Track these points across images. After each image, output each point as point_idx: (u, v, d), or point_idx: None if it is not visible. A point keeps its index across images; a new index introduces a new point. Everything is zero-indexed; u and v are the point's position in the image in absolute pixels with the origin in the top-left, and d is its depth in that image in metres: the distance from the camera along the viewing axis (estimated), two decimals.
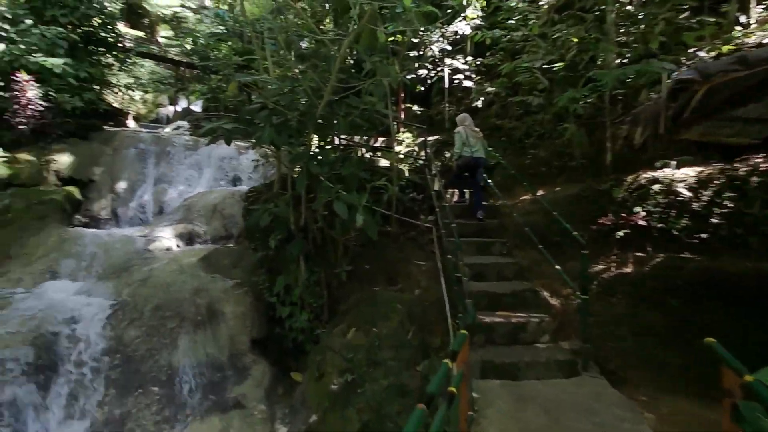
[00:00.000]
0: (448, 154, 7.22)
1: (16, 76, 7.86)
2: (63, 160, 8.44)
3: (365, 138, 8.63)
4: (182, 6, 18.90)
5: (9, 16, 8.30)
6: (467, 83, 9.18)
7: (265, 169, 8.59)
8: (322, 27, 9.97)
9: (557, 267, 3.97)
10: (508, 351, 3.76)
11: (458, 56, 9.30)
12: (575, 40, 5.90)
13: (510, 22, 7.40)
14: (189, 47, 13.62)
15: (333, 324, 4.94)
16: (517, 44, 7.16)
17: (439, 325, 4.39)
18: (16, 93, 7.89)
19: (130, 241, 6.41)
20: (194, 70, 14.18)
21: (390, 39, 6.95)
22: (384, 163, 7.58)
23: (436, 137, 8.67)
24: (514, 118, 8.11)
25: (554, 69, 6.38)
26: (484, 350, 3.74)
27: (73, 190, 8.12)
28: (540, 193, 6.14)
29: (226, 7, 15.15)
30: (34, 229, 6.58)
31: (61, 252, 6.11)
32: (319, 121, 4.97)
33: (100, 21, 9.91)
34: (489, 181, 6.26)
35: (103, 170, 8.79)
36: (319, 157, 4.77)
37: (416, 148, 8.78)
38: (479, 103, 8.78)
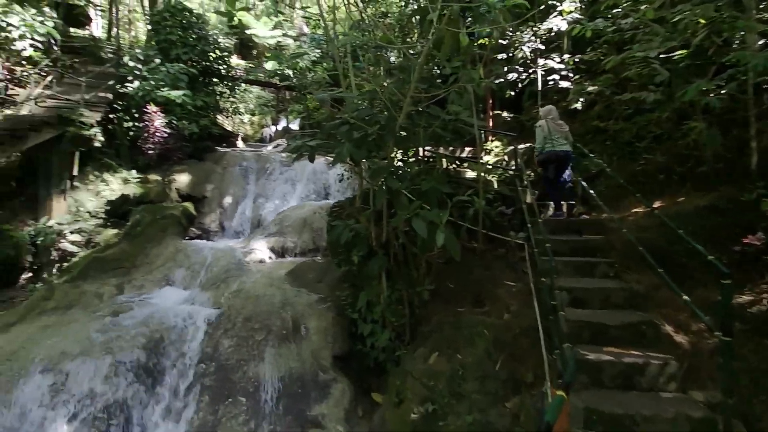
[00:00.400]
0: None
1: (147, 109, 9.20)
2: (182, 179, 9.61)
3: (451, 149, 8.31)
4: (284, 35, 20.70)
5: (141, 57, 9.79)
6: (564, 84, 8.32)
7: (354, 182, 8.77)
8: (409, 39, 9.96)
9: (685, 297, 3.22)
10: (621, 398, 3.12)
11: (553, 55, 8.49)
12: (703, 21, 4.92)
13: (616, 10, 6.52)
14: (288, 71, 14.74)
15: (414, 346, 4.70)
16: (626, 34, 6.24)
17: (531, 357, 3.88)
18: (146, 123, 9.22)
19: (231, 253, 6.94)
20: (292, 92, 15.31)
21: (476, 43, 6.59)
22: (471, 174, 7.18)
23: (527, 145, 8.00)
24: (621, 119, 7.12)
25: (675, 58, 5.40)
26: (588, 393, 3.17)
27: (189, 205, 9.15)
28: (657, 204, 5.22)
29: (321, 31, 16.11)
30: (156, 240, 7.50)
31: (176, 262, 6.84)
32: (402, 133, 4.84)
33: (214, 56, 11.24)
34: (591, 191, 5.51)
35: (213, 187, 9.79)
36: (400, 172, 4.62)
37: (506, 158, 8.20)
38: (578, 105, 7.89)
